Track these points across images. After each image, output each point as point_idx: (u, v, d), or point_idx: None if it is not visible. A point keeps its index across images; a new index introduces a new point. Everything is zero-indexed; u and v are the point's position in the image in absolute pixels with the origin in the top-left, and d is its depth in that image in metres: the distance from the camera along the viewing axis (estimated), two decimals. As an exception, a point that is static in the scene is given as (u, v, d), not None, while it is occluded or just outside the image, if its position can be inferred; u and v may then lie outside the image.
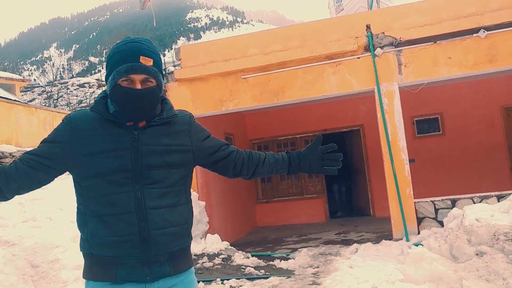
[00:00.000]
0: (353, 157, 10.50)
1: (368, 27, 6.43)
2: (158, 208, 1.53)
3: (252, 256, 6.34)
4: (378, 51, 6.34)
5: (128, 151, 1.53)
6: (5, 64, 75.81)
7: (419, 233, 5.98)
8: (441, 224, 5.81)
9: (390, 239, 6.23)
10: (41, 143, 1.59)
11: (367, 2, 7.83)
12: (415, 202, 6.20)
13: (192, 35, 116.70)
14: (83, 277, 1.60)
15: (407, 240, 5.96)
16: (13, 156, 11.49)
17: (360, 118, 9.75)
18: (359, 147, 10.06)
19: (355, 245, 6.31)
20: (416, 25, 6.28)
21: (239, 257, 6.14)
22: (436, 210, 6.13)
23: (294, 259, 6.23)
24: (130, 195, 1.52)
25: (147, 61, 1.51)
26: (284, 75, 6.76)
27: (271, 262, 6.10)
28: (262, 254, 6.75)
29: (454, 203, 6.09)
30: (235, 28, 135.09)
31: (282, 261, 6.10)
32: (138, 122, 1.56)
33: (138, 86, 1.50)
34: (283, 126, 10.15)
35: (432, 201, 6.19)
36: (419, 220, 6.16)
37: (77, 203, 1.62)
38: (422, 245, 4.64)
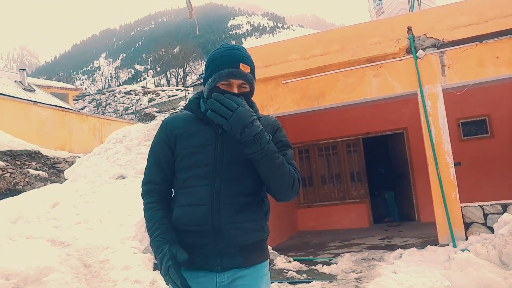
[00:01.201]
0: (397, 161, 10.28)
1: (409, 29, 6.32)
2: (232, 204, 1.63)
3: (294, 260, 6.37)
4: (420, 53, 6.21)
5: (211, 147, 1.67)
6: (60, 74, 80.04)
7: (467, 239, 5.78)
8: (491, 230, 5.58)
9: (435, 245, 6.06)
10: (149, 154, 1.82)
11: (408, 4, 7.69)
12: (462, 207, 6.00)
13: (234, 42, 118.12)
14: None
15: (454, 246, 5.78)
16: (66, 162, 12.15)
17: (404, 121, 9.54)
18: (403, 151, 9.84)
19: (399, 250, 6.18)
20: (460, 25, 6.10)
21: (281, 261, 6.19)
22: (485, 215, 5.90)
23: (336, 264, 6.20)
24: (208, 189, 1.64)
25: (246, 68, 1.66)
26: (324, 79, 6.77)
27: (313, 267, 6.10)
28: (304, 259, 6.76)
29: (505, 208, 5.84)
30: (276, 33, 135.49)
31: (325, 266, 6.08)
32: None
33: (235, 90, 1.65)
34: (324, 129, 10.11)
35: (481, 206, 5.97)
36: (467, 226, 5.95)
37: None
38: (469, 251, 4.50)
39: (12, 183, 9.17)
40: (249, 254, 1.66)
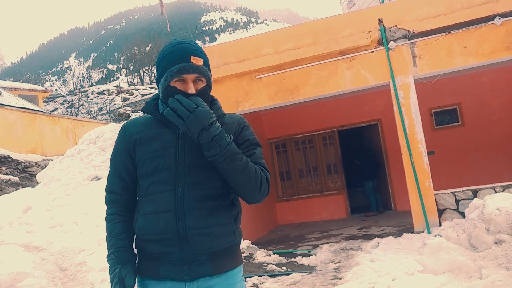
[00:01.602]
0: (375, 152, 10.42)
1: (380, 20, 6.41)
2: (198, 209, 1.54)
3: (274, 253, 6.41)
4: (392, 44, 6.31)
5: (172, 150, 1.58)
6: (28, 76, 77.73)
7: (440, 225, 5.93)
8: (463, 215, 5.75)
9: (411, 232, 6.20)
10: (110, 162, 1.74)
11: (379, -4, 7.78)
12: (435, 194, 6.15)
13: (207, 38, 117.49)
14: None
15: (429, 232, 5.92)
16: (38, 165, 11.86)
17: (378, 112, 9.70)
18: (377, 142, 10.00)
19: (376, 239, 6.30)
20: (429, 16, 6.22)
21: (261, 255, 6.21)
22: (457, 201, 6.07)
23: (315, 255, 6.26)
24: (171, 194, 1.56)
25: (198, 61, 1.57)
26: (298, 73, 6.80)
27: (292, 259, 6.16)
28: (284, 252, 6.81)
29: (475, 193, 6.02)
30: (250, 28, 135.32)
31: (304, 257, 6.14)
32: None
33: (191, 86, 1.56)
34: (300, 123, 10.17)
35: (453, 193, 6.14)
36: (440, 212, 6.11)
37: None
38: (441, 236, 4.62)
39: (-19, 189, 8.87)
40: (219, 261, 1.58)
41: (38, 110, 16.77)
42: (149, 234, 1.57)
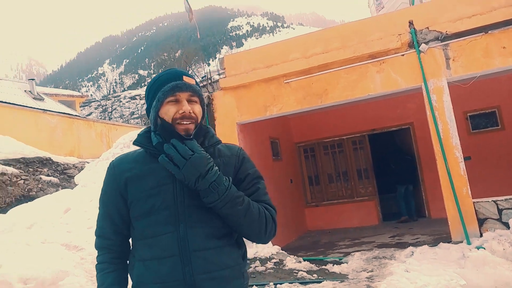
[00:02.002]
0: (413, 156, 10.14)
1: (411, 23, 6.26)
2: (204, 250, 1.42)
3: (304, 260, 6.33)
4: (423, 47, 6.14)
5: (169, 186, 1.45)
6: (66, 82, 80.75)
7: (481, 235, 5.66)
8: (507, 226, 5.49)
9: (448, 242, 5.95)
10: (99, 204, 1.60)
11: (409, -2, 7.62)
12: (474, 202, 5.89)
13: (234, 43, 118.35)
14: None
15: (468, 243, 5.66)
16: (76, 167, 12.23)
17: (409, 116, 9.45)
18: (409, 146, 9.75)
19: (410, 248, 6.12)
20: (464, 16, 6.02)
21: (291, 262, 6.15)
22: (500, 211, 5.77)
23: (347, 263, 6.14)
24: (173, 236, 1.42)
25: (190, 80, 1.52)
26: (326, 77, 6.72)
27: (323, 267, 6.06)
28: (314, 259, 6.72)
29: (519, 202, 5.73)
30: (276, 33, 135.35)
31: (335, 265, 6.04)
32: None
33: (185, 103, 1.47)
34: (329, 127, 10.04)
35: (495, 201, 5.84)
36: (481, 222, 5.83)
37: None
38: (485, 248, 4.41)
39: (26, 190, 9.28)
40: None
41: (76, 115, 17.36)
42: (150, 282, 1.43)
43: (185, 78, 1.51)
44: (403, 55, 6.29)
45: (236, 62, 7.39)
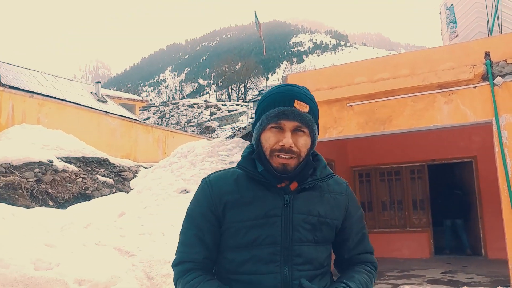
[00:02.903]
0: (464, 191, 9.71)
1: (487, 54, 6.01)
2: None
3: (351, 288, 6.16)
4: (498, 80, 5.87)
5: (277, 220, 1.29)
6: (128, 86, 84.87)
7: (544, 283, 5.29)
8: None
9: (507, 287, 5.60)
10: (186, 225, 1.39)
11: (487, 28, 7.31)
12: (539, 248, 5.52)
13: (295, 59, 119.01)
14: None
15: (529, 290, 5.31)
16: (131, 170, 12.77)
17: (473, 149, 9.02)
18: (470, 181, 9.28)
19: (465, 288, 5.80)
20: (545, 52, 5.70)
21: (337, 288, 6.01)
22: None
23: (395, 296, 5.92)
24: (277, 278, 1.26)
25: (302, 107, 1.31)
26: (391, 104, 6.59)
27: (370, 297, 5.87)
28: None
29: None
30: (338, 51, 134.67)
31: (383, 297, 5.83)
32: (290, 183, 1.34)
33: (288, 135, 1.29)
34: (387, 153, 9.80)
35: (562, 249, 5.45)
36: (544, 269, 5.45)
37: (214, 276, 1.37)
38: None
39: (83, 188, 9.78)
40: None
41: (135, 119, 18.13)
42: None
43: (297, 104, 1.31)
44: (475, 87, 6.04)
45: (299, 81, 7.42)
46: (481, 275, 7.17)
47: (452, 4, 8.37)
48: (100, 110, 15.52)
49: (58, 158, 10.02)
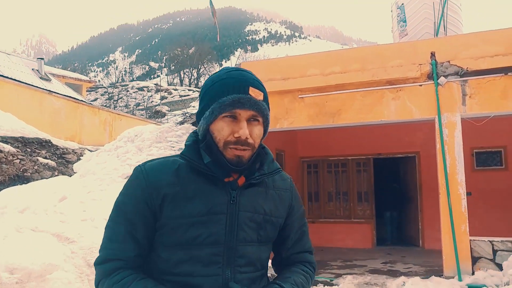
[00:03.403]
0: (406, 185, 10.19)
1: (433, 54, 6.27)
2: None
3: (295, 277, 6.28)
4: (442, 80, 6.15)
5: (222, 217, 1.18)
6: (75, 65, 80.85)
7: (473, 273, 5.67)
8: (500, 267, 5.47)
9: (440, 276, 5.95)
10: (115, 218, 1.22)
11: (434, 29, 7.62)
12: (470, 240, 5.90)
13: (249, 47, 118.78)
14: None
15: (460, 279, 5.67)
16: (75, 153, 12.21)
17: (417, 145, 9.45)
18: (413, 175, 9.75)
19: (402, 277, 6.08)
20: (486, 55, 6.03)
21: (282, 277, 6.10)
22: (495, 252, 5.78)
23: (338, 285, 6.11)
24: (218, 281, 1.16)
25: (258, 94, 1.20)
26: (342, 97, 6.72)
27: (314, 287, 6.02)
28: (305, 276, 6.67)
29: (515, 245, 5.73)
30: (292, 42, 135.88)
31: (326, 286, 6.00)
32: (238, 177, 1.23)
33: (244, 126, 1.17)
34: (335, 146, 10.03)
35: (491, 241, 5.85)
36: (474, 260, 5.84)
37: (145, 276, 1.19)
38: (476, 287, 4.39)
39: (21, 170, 9.20)
40: None
41: (82, 100, 17.32)
42: None
43: (252, 91, 1.19)
44: (421, 85, 6.29)
45: (253, 70, 7.28)
46: (417, 264, 7.57)
47: (403, 4, 8.65)
48: (43, 89, 14.64)
49: (-8, 138, 9.35)
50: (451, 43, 6.42)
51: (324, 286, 5.99)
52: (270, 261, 1.37)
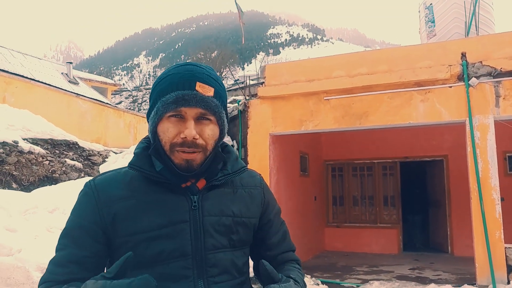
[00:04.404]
0: (434, 189, 9.92)
1: (463, 55, 6.07)
2: None
3: (322, 283, 6.19)
4: (473, 81, 5.94)
5: (186, 226, 1.07)
6: (101, 69, 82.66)
7: (508, 282, 5.43)
8: (536, 275, 5.24)
9: (473, 284, 5.73)
10: (63, 240, 1.10)
11: (464, 29, 7.40)
12: (506, 248, 5.65)
13: (271, 51, 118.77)
14: None
15: (494, 288, 5.45)
16: (100, 155, 12.42)
17: (445, 148, 9.19)
18: (440, 179, 9.47)
19: (432, 285, 5.90)
20: (521, 55, 5.80)
21: (308, 283, 6.01)
22: (531, 260, 5.54)
23: (364, 291, 5.97)
24: None
25: (206, 90, 1.08)
26: (368, 99, 6.59)
27: (340, 291, 5.90)
28: (332, 282, 6.56)
29: (552, 253, 5.47)
30: (314, 45, 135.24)
31: (352, 291, 5.87)
32: (196, 181, 1.13)
33: (190, 125, 1.06)
34: (360, 149, 9.87)
35: (527, 249, 5.61)
36: (510, 268, 5.59)
37: None
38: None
39: (50, 171, 9.42)
40: None
41: (107, 103, 17.64)
42: None
43: (199, 86, 1.07)
44: (450, 87, 6.10)
45: (278, 72, 7.34)
46: (447, 272, 7.32)
47: (431, 4, 8.45)
48: (71, 92, 14.99)
49: (24, 139, 9.60)
50: (483, 43, 6.21)
51: (350, 292, 5.86)
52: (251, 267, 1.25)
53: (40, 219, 4.57)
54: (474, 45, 6.21)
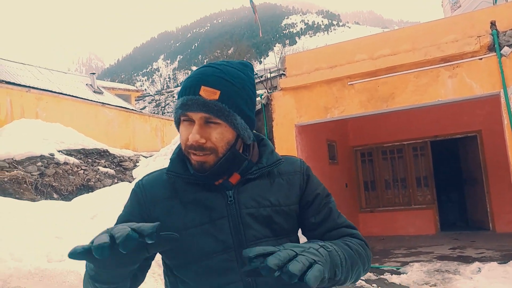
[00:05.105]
0: (468, 166, 9.68)
1: (493, 24, 5.86)
2: None
3: (361, 268, 6.14)
4: (506, 50, 5.73)
5: (225, 221, 1.11)
6: (122, 76, 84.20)
7: (556, 254, 5.26)
8: None
9: (519, 260, 5.58)
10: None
11: (490, -3, 7.14)
12: (551, 219, 5.48)
13: (287, 41, 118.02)
14: None
15: (542, 261, 5.28)
16: (131, 160, 12.69)
17: (477, 123, 8.94)
18: (475, 155, 9.22)
19: (476, 263, 5.77)
20: (552, 19, 5.56)
21: (347, 269, 5.99)
22: None
23: (406, 273, 5.90)
24: (239, 287, 1.09)
25: (210, 94, 1.07)
26: (394, 80, 6.46)
27: (381, 276, 5.86)
28: (371, 266, 6.51)
29: None
30: (331, 31, 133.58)
31: (394, 275, 5.82)
32: (229, 176, 1.15)
33: (194, 129, 1.08)
34: (388, 132, 9.71)
35: None
36: (557, 240, 5.42)
37: None
38: None
39: (85, 179, 9.72)
40: None
41: (132, 109, 17.98)
42: None
43: (203, 91, 1.07)
44: (481, 59, 5.91)
45: (298, 62, 7.29)
46: (491, 249, 7.14)
47: (451, -25, 8.20)
48: (97, 102, 15.36)
49: (59, 151, 9.93)
50: None
51: (392, 275, 5.81)
52: None
53: (83, 226, 4.74)
54: (504, 12, 5.96)
